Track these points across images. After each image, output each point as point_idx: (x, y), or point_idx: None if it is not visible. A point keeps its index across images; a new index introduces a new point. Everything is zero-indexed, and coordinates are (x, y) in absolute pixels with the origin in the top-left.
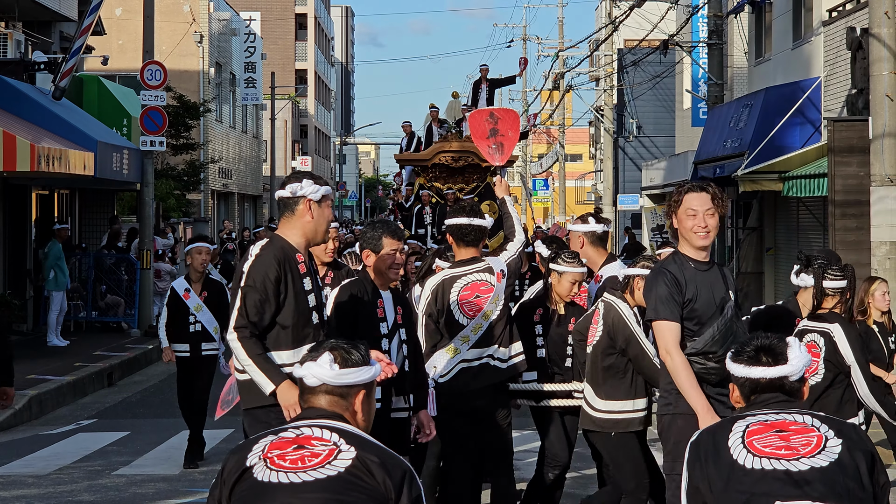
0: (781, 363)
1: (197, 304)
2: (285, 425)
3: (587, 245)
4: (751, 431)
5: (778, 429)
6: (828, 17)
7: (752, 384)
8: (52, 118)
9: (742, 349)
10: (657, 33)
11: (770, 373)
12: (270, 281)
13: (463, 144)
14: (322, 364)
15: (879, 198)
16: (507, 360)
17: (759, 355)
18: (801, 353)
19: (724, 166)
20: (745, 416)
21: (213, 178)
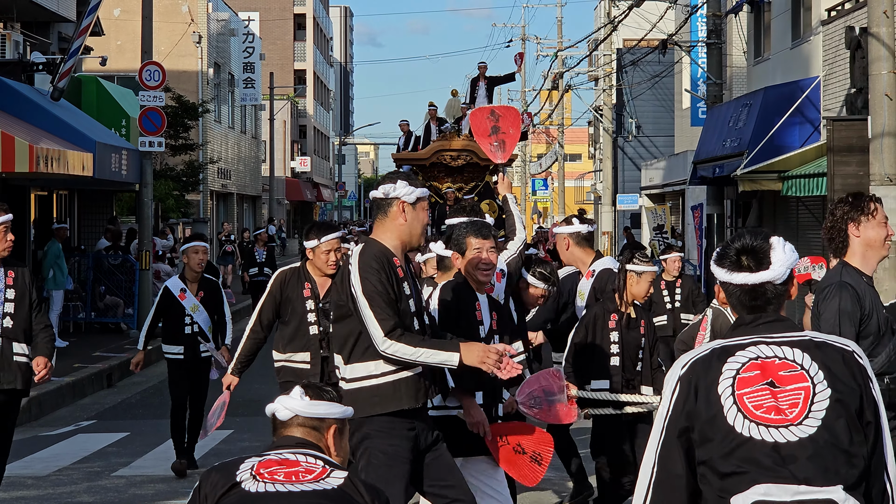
0: (764, 268)
1: (193, 305)
2: (265, 451)
3: (573, 246)
4: (742, 381)
5: (769, 379)
6: (827, 16)
7: (735, 289)
8: (50, 119)
9: (726, 251)
10: (656, 33)
11: (752, 279)
12: (384, 280)
13: (462, 143)
14: (294, 396)
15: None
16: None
17: (740, 259)
18: (785, 254)
19: (724, 166)
20: (736, 349)
21: (211, 179)
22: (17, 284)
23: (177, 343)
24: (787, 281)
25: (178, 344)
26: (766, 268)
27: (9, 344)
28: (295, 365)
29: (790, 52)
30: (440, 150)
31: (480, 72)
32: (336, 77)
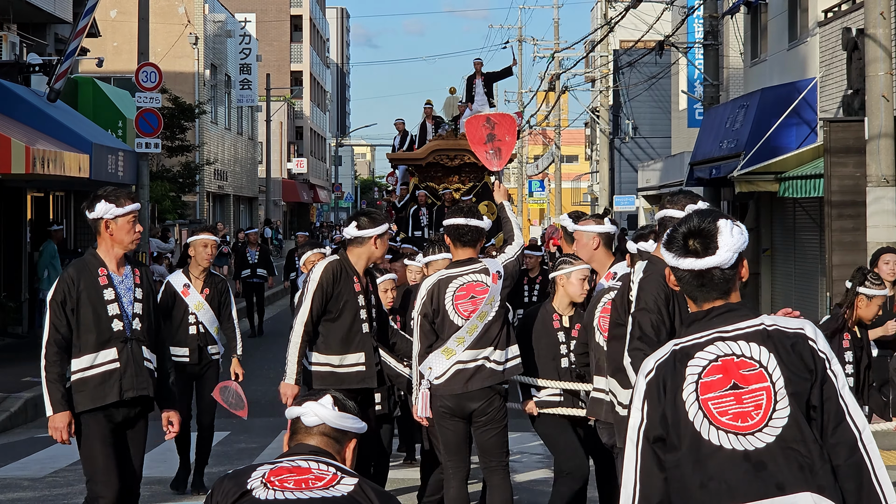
0: (711, 253)
1: (197, 302)
2: (278, 459)
3: (602, 246)
4: (705, 385)
5: (733, 382)
6: (823, 17)
7: (687, 275)
8: (46, 120)
9: (674, 234)
10: (653, 34)
11: (699, 264)
12: (662, 302)
13: (459, 142)
14: (325, 404)
15: (876, 198)
16: (504, 362)
17: (687, 243)
18: (733, 237)
19: (721, 167)
20: (695, 350)
21: (208, 180)
22: (143, 284)
23: (180, 345)
24: (735, 265)
25: (182, 346)
26: (712, 252)
27: (139, 348)
28: (347, 369)
29: (787, 53)
30: (437, 150)
31: (476, 69)
32: (332, 78)
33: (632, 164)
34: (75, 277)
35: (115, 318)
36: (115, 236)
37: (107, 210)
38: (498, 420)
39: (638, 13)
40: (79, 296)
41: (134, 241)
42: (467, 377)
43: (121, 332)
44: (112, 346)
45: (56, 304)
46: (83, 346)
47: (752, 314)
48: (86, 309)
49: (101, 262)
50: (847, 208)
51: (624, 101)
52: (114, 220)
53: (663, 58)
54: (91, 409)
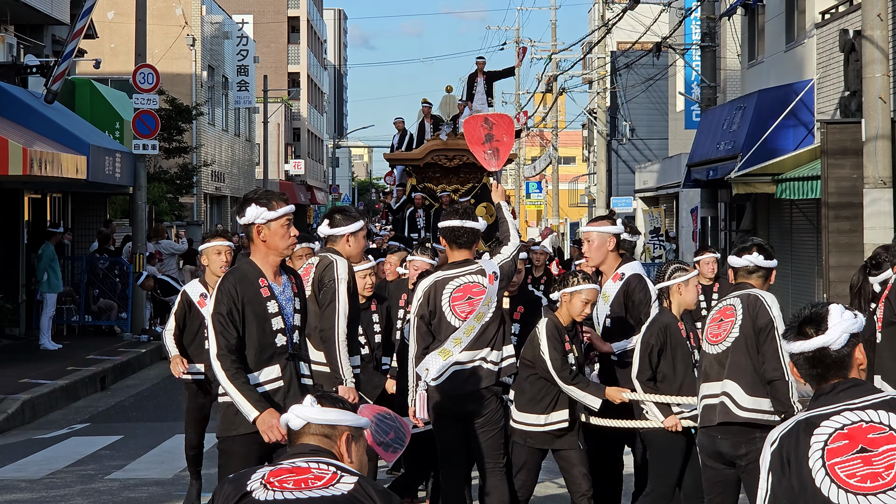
0: (820, 333)
1: None
2: (278, 461)
3: (614, 248)
4: (831, 451)
5: (860, 446)
6: (820, 19)
7: (803, 359)
8: (44, 122)
9: (792, 323)
10: (650, 36)
11: (808, 346)
12: None
13: (457, 142)
14: (305, 404)
15: (873, 200)
16: (499, 362)
17: (802, 328)
18: (842, 319)
19: (718, 169)
20: (821, 419)
21: (205, 182)
22: (300, 293)
23: (196, 360)
24: (846, 345)
25: (198, 361)
26: (822, 333)
27: (298, 364)
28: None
29: (784, 54)
30: (435, 150)
31: (479, 67)
32: (330, 80)
33: (629, 166)
34: (237, 288)
35: (279, 333)
36: (269, 242)
37: (258, 214)
38: (495, 421)
39: (635, 15)
40: (242, 308)
41: (289, 246)
42: (464, 378)
43: (283, 348)
44: (275, 363)
45: (221, 316)
46: (246, 362)
47: (878, 390)
48: (250, 323)
49: (259, 271)
50: (844, 210)
51: (621, 102)
52: (266, 224)
53: (660, 59)
54: (249, 433)
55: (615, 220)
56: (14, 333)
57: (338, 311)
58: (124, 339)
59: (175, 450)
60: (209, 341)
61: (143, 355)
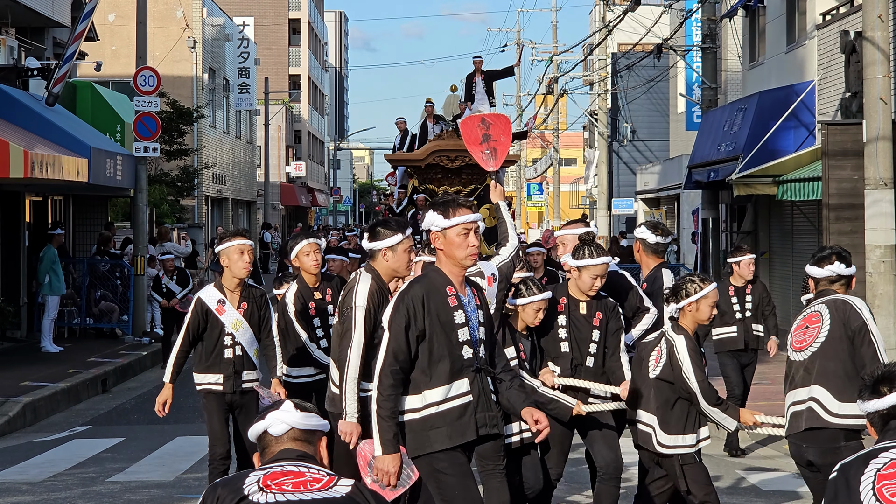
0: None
1: (235, 320)
2: (266, 465)
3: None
4: (882, 475)
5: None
6: (821, 20)
7: (881, 417)
8: (45, 124)
9: (864, 383)
10: (651, 37)
11: (888, 402)
12: None
13: (459, 143)
14: (287, 410)
15: (874, 201)
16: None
17: (877, 386)
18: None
19: (719, 170)
20: (878, 452)
21: (206, 184)
22: (482, 305)
23: (214, 371)
24: None
25: (216, 372)
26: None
27: (484, 380)
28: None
29: (785, 56)
30: (437, 151)
31: (476, 67)
32: (331, 82)
33: (630, 168)
34: (423, 298)
35: (465, 345)
36: (446, 251)
37: (432, 221)
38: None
39: (636, 16)
40: (429, 319)
41: (469, 255)
42: None
43: (471, 360)
44: (464, 376)
45: (398, 329)
46: (435, 375)
47: None
48: (438, 334)
49: (447, 279)
50: (845, 211)
51: (622, 104)
52: (441, 232)
53: (661, 61)
54: (449, 449)
55: (588, 223)
56: (15, 336)
57: (352, 344)
58: (125, 341)
59: (176, 452)
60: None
61: (144, 358)
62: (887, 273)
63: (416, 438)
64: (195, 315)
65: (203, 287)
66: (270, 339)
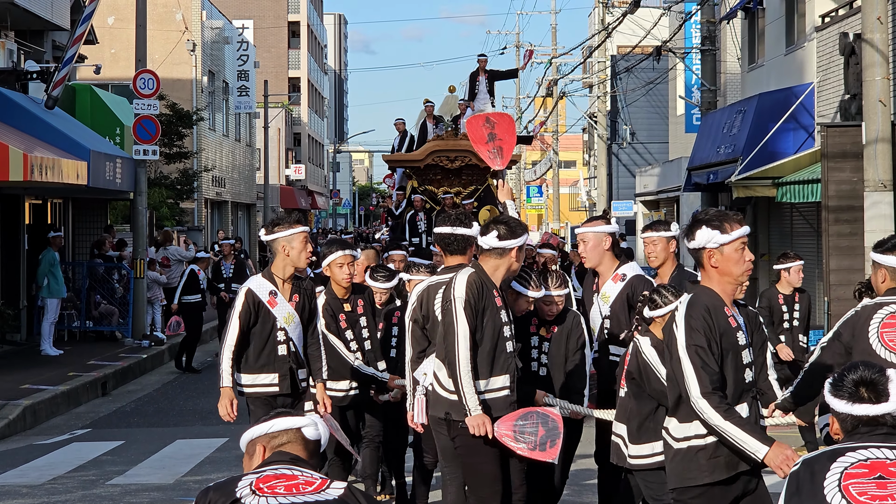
0: (884, 400)
1: (287, 314)
2: (259, 469)
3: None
4: (849, 474)
5: (878, 474)
6: (820, 22)
7: (855, 420)
8: (44, 127)
9: (841, 382)
10: (650, 39)
11: (872, 410)
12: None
13: (459, 143)
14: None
15: (873, 203)
16: None
17: (859, 390)
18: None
19: (718, 172)
20: (845, 451)
21: (206, 187)
22: (753, 325)
23: (265, 370)
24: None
25: (267, 371)
26: (885, 399)
27: (758, 405)
28: (495, 394)
29: (784, 58)
30: (436, 151)
31: (480, 65)
32: (330, 85)
33: (629, 170)
34: (712, 316)
35: (747, 368)
36: (722, 268)
37: (710, 238)
38: None
39: (635, 19)
40: (723, 340)
41: (746, 272)
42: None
43: (750, 385)
44: (744, 400)
45: (701, 349)
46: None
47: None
48: (728, 357)
49: (722, 300)
50: (844, 213)
51: (621, 106)
52: (718, 249)
53: (661, 63)
54: (714, 482)
55: (609, 220)
56: (15, 339)
57: (457, 339)
58: (125, 344)
59: (176, 455)
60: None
61: (144, 360)
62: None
63: (688, 468)
64: (246, 307)
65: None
66: (315, 337)
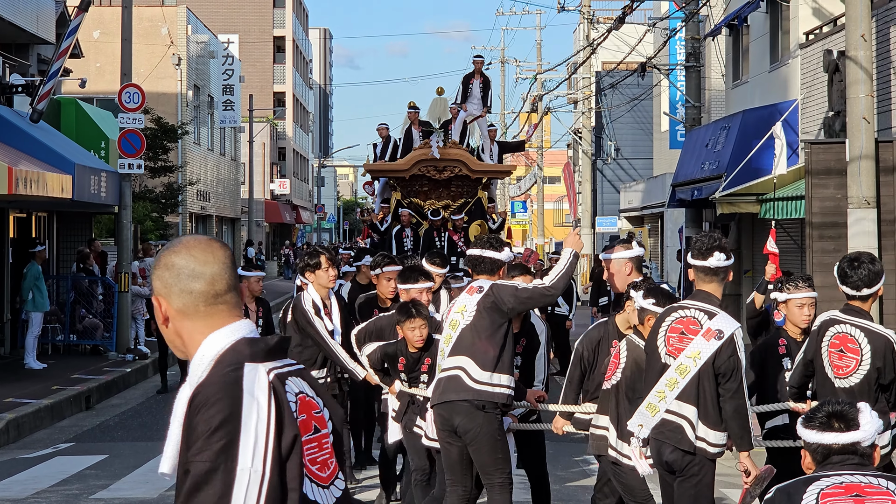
0: (854, 429)
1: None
2: None
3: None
4: (825, 494)
5: (854, 493)
6: (805, 39)
7: (825, 450)
8: (29, 141)
9: (813, 415)
10: (635, 56)
11: (843, 438)
12: None
13: (448, 151)
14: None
15: (857, 220)
16: (483, 382)
17: (830, 421)
18: (872, 418)
19: (702, 188)
20: (820, 477)
21: (190, 201)
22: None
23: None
24: (872, 444)
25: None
26: (856, 428)
27: None
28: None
29: (768, 75)
30: (422, 161)
31: (476, 68)
32: (315, 99)
33: (614, 186)
34: None
35: None
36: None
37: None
38: (482, 438)
39: (620, 35)
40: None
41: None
42: (441, 387)
43: None
44: None
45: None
46: None
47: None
48: None
49: None
50: (828, 230)
51: (606, 122)
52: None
53: (645, 79)
54: None
55: (632, 244)
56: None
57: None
58: (109, 358)
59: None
60: None
61: (128, 374)
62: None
63: None
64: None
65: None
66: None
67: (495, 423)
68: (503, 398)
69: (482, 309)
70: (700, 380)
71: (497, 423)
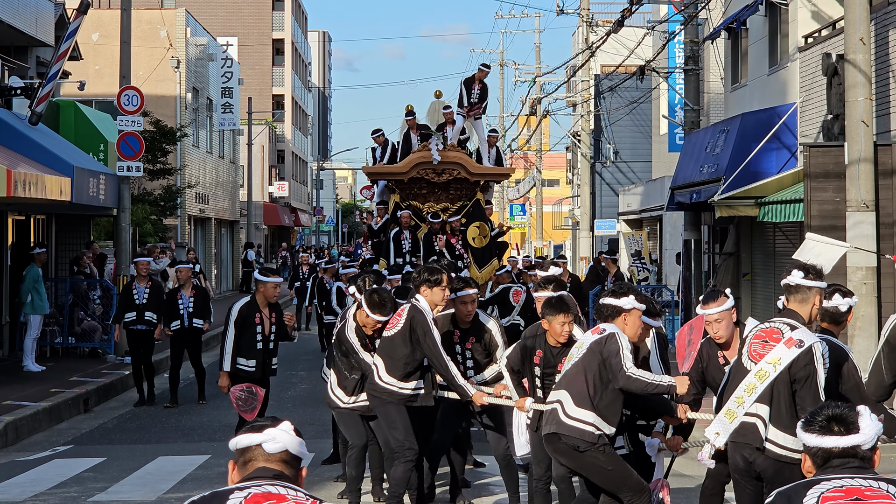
0: (854, 432)
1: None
2: (243, 484)
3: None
4: (825, 497)
5: (855, 496)
6: (803, 43)
7: (825, 453)
8: (28, 144)
9: (813, 418)
10: (634, 59)
11: (843, 442)
12: None
13: (447, 154)
14: (286, 430)
15: (855, 223)
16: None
17: (830, 424)
18: (871, 421)
19: (701, 192)
20: (821, 480)
21: (189, 204)
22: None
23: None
24: (873, 447)
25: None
26: (856, 432)
27: None
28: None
29: (767, 78)
30: (421, 164)
31: (479, 76)
32: (314, 102)
33: (613, 189)
34: None
35: None
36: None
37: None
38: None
39: (619, 38)
40: None
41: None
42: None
43: None
44: None
45: None
46: None
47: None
48: None
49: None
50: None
51: (605, 125)
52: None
53: (644, 82)
54: None
55: (728, 295)
56: None
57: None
58: (108, 361)
59: (158, 472)
60: None
61: (126, 377)
62: (869, 295)
63: None
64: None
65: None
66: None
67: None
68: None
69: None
70: (776, 383)
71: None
